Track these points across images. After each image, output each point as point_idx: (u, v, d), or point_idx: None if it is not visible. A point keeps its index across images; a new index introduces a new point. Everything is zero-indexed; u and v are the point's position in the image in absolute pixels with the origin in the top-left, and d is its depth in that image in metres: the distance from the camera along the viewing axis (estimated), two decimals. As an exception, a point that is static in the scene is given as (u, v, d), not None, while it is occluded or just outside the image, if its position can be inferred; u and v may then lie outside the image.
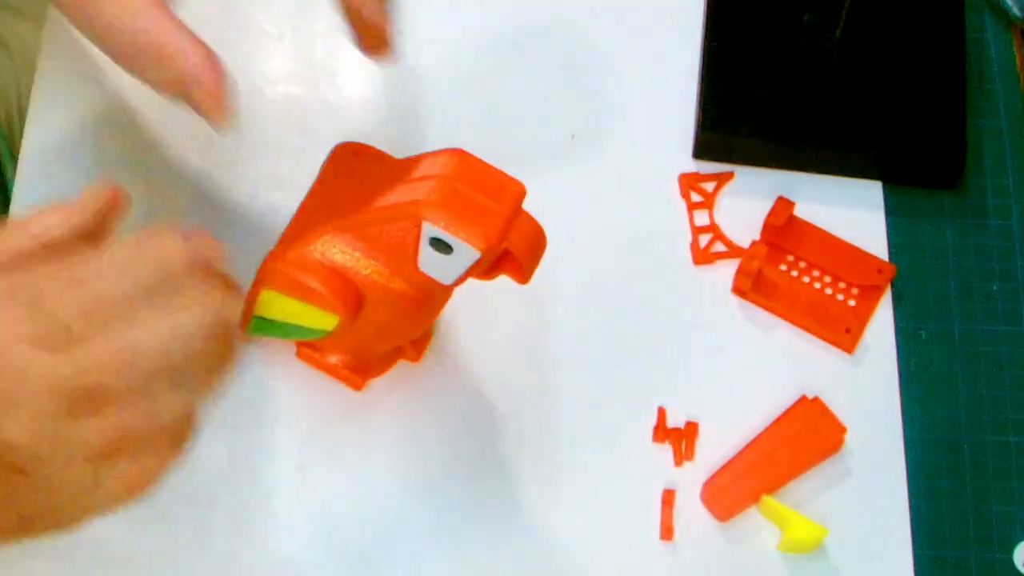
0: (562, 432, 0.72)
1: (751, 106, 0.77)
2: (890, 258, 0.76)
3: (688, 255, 0.76)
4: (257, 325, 0.66)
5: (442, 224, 0.58)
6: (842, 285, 0.75)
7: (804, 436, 0.71)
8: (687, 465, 0.71)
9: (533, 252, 0.62)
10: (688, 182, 0.78)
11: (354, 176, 0.66)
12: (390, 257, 0.62)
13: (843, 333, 0.74)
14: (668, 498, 0.70)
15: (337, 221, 0.63)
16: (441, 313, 0.68)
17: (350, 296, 0.63)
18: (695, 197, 0.77)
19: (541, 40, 0.81)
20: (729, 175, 0.78)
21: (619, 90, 0.80)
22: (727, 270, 0.75)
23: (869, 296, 0.75)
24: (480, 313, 0.74)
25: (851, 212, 0.77)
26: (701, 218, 0.77)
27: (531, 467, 0.71)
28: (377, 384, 0.72)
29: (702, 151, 0.78)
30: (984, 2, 0.83)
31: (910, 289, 0.76)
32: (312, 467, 0.70)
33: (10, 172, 0.82)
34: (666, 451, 0.71)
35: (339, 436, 0.71)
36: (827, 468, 0.71)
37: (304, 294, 0.63)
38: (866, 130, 0.77)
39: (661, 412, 0.72)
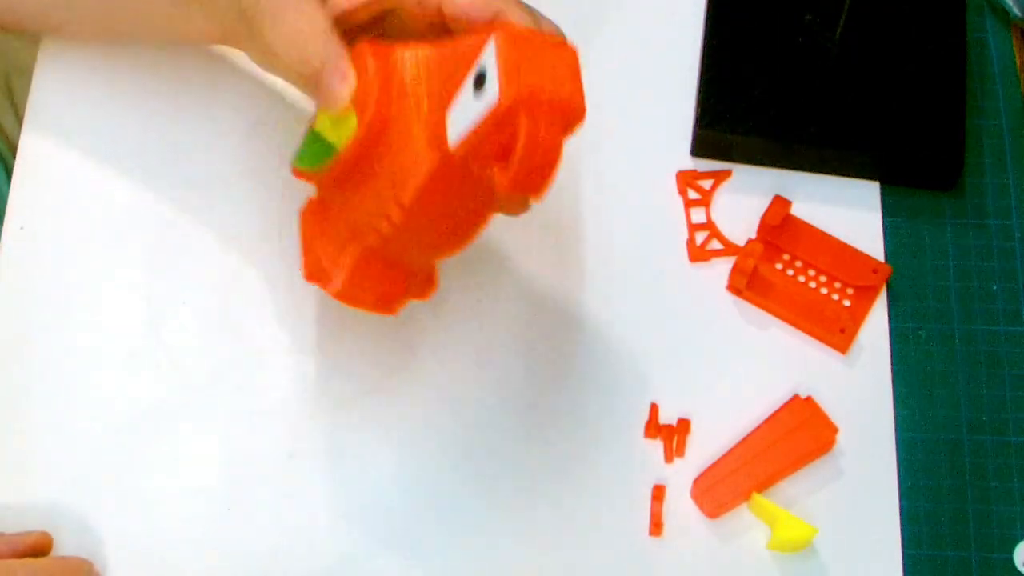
0: (554, 426, 0.72)
1: (750, 104, 0.77)
2: (887, 258, 0.76)
3: (684, 252, 0.76)
4: (307, 143, 0.66)
5: (498, 50, 0.55)
6: (837, 285, 0.75)
7: (796, 435, 0.71)
8: (677, 462, 0.71)
9: (533, 158, 0.55)
10: (685, 179, 0.78)
11: None
12: (438, 87, 0.60)
13: (837, 333, 0.74)
14: (658, 494, 0.70)
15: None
16: (440, 265, 0.68)
17: (384, 111, 0.61)
18: (692, 194, 0.77)
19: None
20: (727, 173, 0.78)
21: (619, 86, 0.80)
22: (723, 268, 0.76)
23: (864, 296, 0.75)
24: (475, 309, 0.74)
25: (848, 212, 0.77)
26: (698, 215, 0.77)
27: (522, 461, 0.71)
28: (369, 374, 0.73)
29: (700, 148, 0.78)
30: (984, 2, 0.82)
31: (908, 289, 0.76)
32: (302, 455, 0.71)
33: None
34: (657, 447, 0.72)
35: (330, 425, 0.72)
36: (818, 468, 0.71)
37: (360, 83, 0.62)
38: (865, 130, 0.77)
39: (654, 408, 0.72)
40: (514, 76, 0.54)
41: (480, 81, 0.55)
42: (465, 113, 0.57)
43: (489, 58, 0.55)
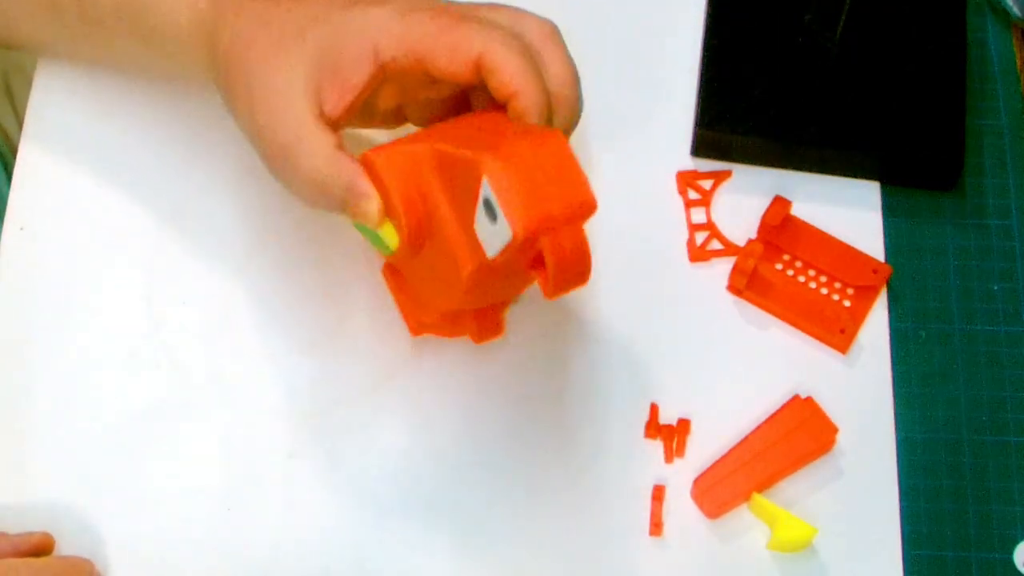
0: (554, 426, 0.72)
1: (750, 104, 0.77)
2: (887, 258, 0.76)
3: (684, 252, 0.76)
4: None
5: (494, 187, 0.55)
6: (837, 285, 0.75)
7: (796, 435, 0.71)
8: (677, 462, 0.71)
9: (565, 268, 0.58)
10: (686, 179, 0.78)
11: (488, 113, 0.64)
12: (461, 199, 0.60)
13: (837, 333, 0.74)
14: (658, 494, 0.70)
15: (437, 140, 0.62)
16: (508, 310, 0.69)
17: (417, 222, 0.61)
18: (692, 194, 0.77)
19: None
20: (727, 173, 0.78)
21: (619, 86, 0.80)
22: (723, 268, 0.76)
23: (864, 296, 0.75)
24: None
25: (848, 212, 0.77)
26: (698, 215, 0.77)
27: (522, 461, 0.71)
28: (369, 374, 0.73)
29: (700, 149, 0.78)
30: (984, 2, 0.82)
31: (908, 289, 0.76)
32: (302, 455, 0.71)
33: None
34: (657, 447, 0.72)
35: (330, 425, 0.72)
36: (818, 468, 0.71)
37: (384, 198, 0.62)
38: (865, 130, 0.77)
39: (654, 408, 0.72)
40: (518, 208, 0.55)
41: (490, 207, 0.56)
42: (488, 233, 0.58)
43: (488, 191, 0.56)
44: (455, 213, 0.61)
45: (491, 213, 0.56)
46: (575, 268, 0.58)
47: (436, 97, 0.68)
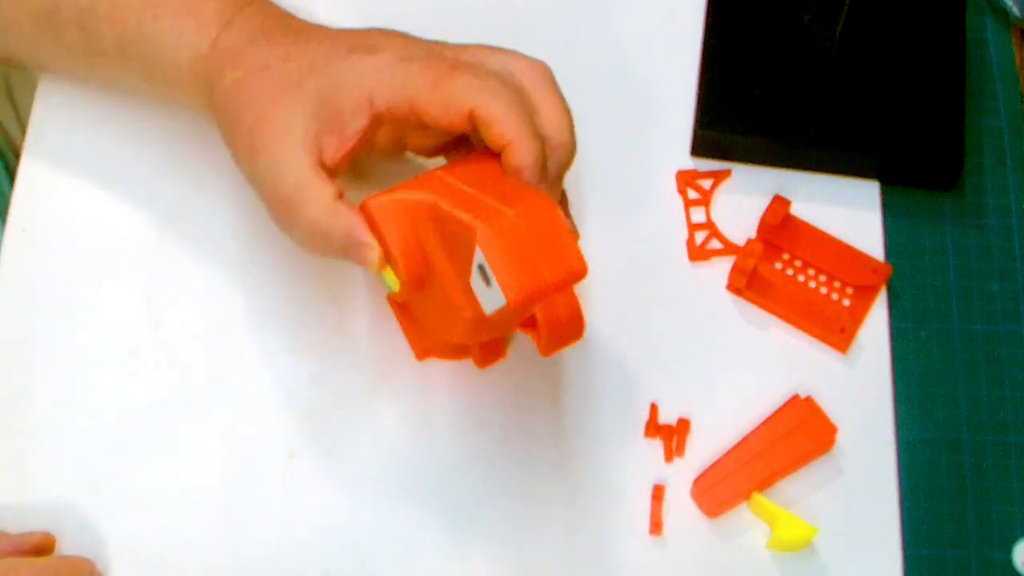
0: (553, 426, 0.72)
1: (750, 104, 0.77)
2: (887, 258, 0.76)
3: (684, 252, 0.76)
4: None
5: (487, 257, 0.57)
6: (837, 284, 0.75)
7: (795, 435, 0.71)
8: (677, 461, 0.71)
9: (559, 332, 0.62)
10: (685, 179, 0.78)
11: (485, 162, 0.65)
12: (458, 252, 0.61)
13: (837, 332, 0.74)
14: (658, 493, 0.70)
15: (435, 191, 0.62)
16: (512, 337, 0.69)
17: (415, 270, 0.63)
18: (692, 194, 0.77)
19: (540, 36, 0.81)
20: (726, 173, 0.78)
21: (618, 86, 0.80)
22: (723, 267, 0.76)
23: (864, 296, 0.75)
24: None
25: (848, 212, 0.77)
26: (698, 215, 0.77)
27: (522, 461, 0.71)
28: (369, 374, 0.73)
29: (700, 148, 0.78)
30: (984, 2, 0.82)
31: (908, 289, 0.76)
32: (302, 455, 0.71)
33: None
34: (657, 447, 0.72)
35: (330, 425, 0.72)
36: (818, 467, 0.71)
37: (383, 246, 0.63)
38: (864, 130, 0.77)
39: (653, 408, 0.72)
40: (511, 279, 0.57)
41: (484, 272, 0.58)
42: (483, 294, 0.59)
43: (482, 259, 0.57)
44: (452, 265, 0.62)
45: (485, 278, 0.58)
46: (568, 331, 0.63)
47: (433, 138, 0.69)
